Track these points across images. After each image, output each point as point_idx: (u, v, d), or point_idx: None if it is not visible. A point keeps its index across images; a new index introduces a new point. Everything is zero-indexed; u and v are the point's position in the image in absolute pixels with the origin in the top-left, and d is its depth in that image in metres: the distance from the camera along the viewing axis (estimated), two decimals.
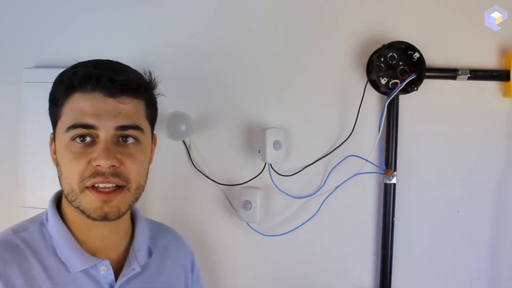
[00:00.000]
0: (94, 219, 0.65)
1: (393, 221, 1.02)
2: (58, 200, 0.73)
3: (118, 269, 0.71)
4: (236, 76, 1.06)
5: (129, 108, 0.67)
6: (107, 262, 0.69)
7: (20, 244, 0.65)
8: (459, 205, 1.05)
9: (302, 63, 1.05)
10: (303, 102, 1.05)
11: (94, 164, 0.63)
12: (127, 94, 0.66)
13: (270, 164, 1.02)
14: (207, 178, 1.05)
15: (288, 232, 1.04)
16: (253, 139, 1.05)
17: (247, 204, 0.99)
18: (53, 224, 0.68)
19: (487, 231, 1.05)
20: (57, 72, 0.68)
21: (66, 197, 0.66)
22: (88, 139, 0.64)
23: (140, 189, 0.70)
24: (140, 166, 0.68)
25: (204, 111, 1.06)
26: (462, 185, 1.05)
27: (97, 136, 0.64)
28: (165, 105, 1.05)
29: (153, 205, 1.06)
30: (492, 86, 1.05)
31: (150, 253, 0.77)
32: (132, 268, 0.72)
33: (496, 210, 1.05)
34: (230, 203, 1.06)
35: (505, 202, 1.05)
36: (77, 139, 0.64)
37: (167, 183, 1.07)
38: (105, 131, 0.64)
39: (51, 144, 0.71)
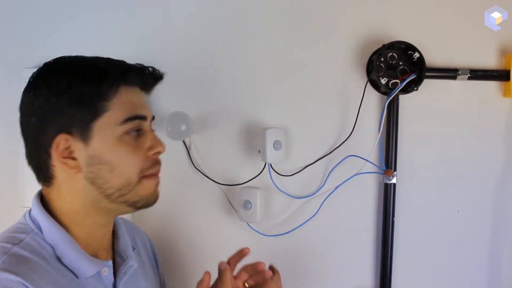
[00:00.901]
0: (146, 204, 0.67)
1: (393, 221, 1.02)
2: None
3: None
4: (236, 76, 1.06)
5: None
6: (110, 263, 0.69)
7: (28, 255, 0.60)
8: (459, 205, 1.05)
9: (302, 63, 1.05)
10: (303, 102, 1.05)
11: (153, 152, 0.66)
12: (152, 89, 0.71)
13: (270, 164, 1.02)
14: (207, 178, 1.05)
15: (288, 232, 1.04)
16: (253, 139, 1.05)
17: (247, 204, 0.99)
18: (54, 233, 0.64)
19: (487, 231, 1.05)
20: None
21: (109, 195, 0.63)
22: (138, 131, 0.66)
23: None
24: None
25: (204, 111, 1.06)
26: (462, 185, 1.05)
27: (142, 127, 0.67)
28: (165, 105, 1.05)
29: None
30: (492, 86, 1.04)
31: (132, 248, 0.78)
32: (130, 265, 0.72)
33: (496, 210, 1.05)
34: (230, 203, 1.06)
35: (505, 202, 1.05)
36: (133, 132, 0.65)
37: (167, 183, 1.07)
38: (148, 122, 0.68)
39: (57, 148, 0.62)
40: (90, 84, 0.62)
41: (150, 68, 0.68)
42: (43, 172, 0.66)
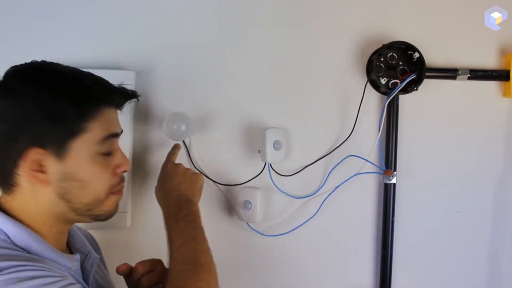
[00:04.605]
0: (107, 218, 0.69)
1: (393, 221, 1.02)
2: None
3: None
4: (236, 76, 1.06)
5: None
6: (78, 257, 0.69)
7: (13, 252, 0.59)
8: (459, 205, 1.05)
9: (302, 63, 1.05)
10: (303, 102, 1.05)
11: (120, 170, 0.69)
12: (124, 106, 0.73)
13: (270, 164, 1.02)
14: (207, 178, 1.05)
15: (288, 232, 1.04)
16: (253, 139, 1.05)
17: (247, 204, 0.99)
18: (26, 235, 0.62)
19: (487, 231, 1.05)
20: None
21: (77, 209, 0.65)
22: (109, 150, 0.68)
23: None
24: None
25: (204, 111, 1.06)
26: (462, 185, 1.05)
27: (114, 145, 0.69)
28: (165, 105, 1.05)
29: (153, 205, 1.06)
30: (492, 86, 1.05)
31: None
32: (94, 257, 0.74)
33: (496, 210, 1.05)
34: (230, 203, 1.06)
35: (505, 202, 1.05)
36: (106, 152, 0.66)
37: None
38: (118, 138, 0.70)
39: (28, 160, 0.60)
40: (75, 103, 0.62)
41: (129, 91, 0.70)
42: (4, 179, 0.63)
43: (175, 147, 0.98)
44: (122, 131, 0.71)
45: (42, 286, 0.53)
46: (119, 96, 0.68)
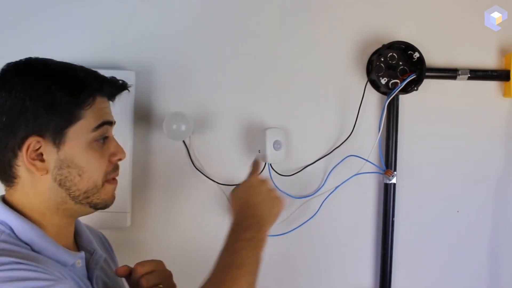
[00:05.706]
0: (105, 206, 0.70)
1: (393, 221, 1.02)
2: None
3: None
4: (236, 76, 1.06)
5: None
6: (83, 254, 0.70)
7: (12, 247, 0.60)
8: (459, 205, 1.05)
9: (302, 63, 1.05)
10: (303, 102, 1.05)
11: (116, 159, 0.71)
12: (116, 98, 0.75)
13: (270, 164, 1.02)
14: (207, 178, 1.05)
15: (288, 232, 1.04)
16: (253, 139, 1.05)
17: None
18: (28, 229, 0.64)
19: (487, 231, 1.05)
20: None
21: (76, 197, 0.66)
22: (104, 138, 0.70)
23: None
24: None
25: (204, 111, 1.06)
26: (462, 185, 1.05)
27: (108, 133, 0.71)
28: (165, 105, 1.05)
29: (153, 205, 1.06)
30: (492, 86, 1.05)
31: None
32: (99, 256, 0.74)
33: (496, 210, 1.05)
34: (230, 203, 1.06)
35: (505, 202, 1.05)
36: (100, 139, 0.68)
37: (167, 183, 1.07)
38: (112, 128, 0.72)
39: (27, 149, 0.63)
40: (69, 93, 0.65)
41: (120, 81, 0.73)
42: (5, 171, 0.66)
43: (257, 164, 0.93)
44: (115, 122, 0.73)
45: None
46: (110, 86, 0.71)
